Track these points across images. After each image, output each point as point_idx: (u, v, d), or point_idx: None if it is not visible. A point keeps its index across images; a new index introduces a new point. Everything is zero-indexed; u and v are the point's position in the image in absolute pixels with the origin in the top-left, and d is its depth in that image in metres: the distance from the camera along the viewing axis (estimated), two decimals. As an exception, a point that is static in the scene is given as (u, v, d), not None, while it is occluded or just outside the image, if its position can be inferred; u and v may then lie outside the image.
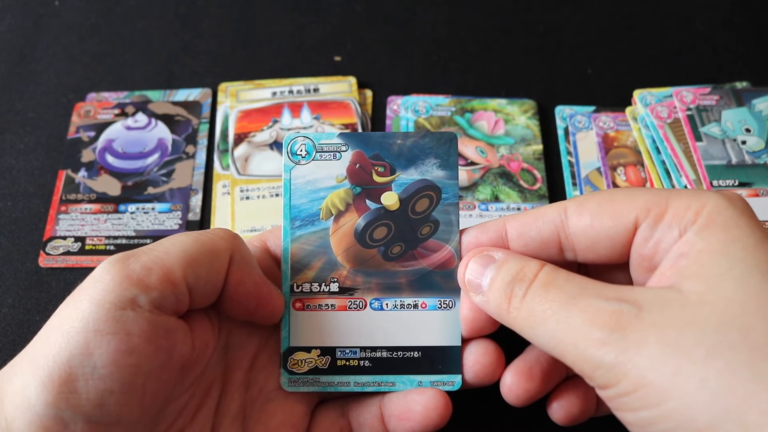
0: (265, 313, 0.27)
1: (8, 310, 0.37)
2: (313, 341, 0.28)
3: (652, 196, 0.24)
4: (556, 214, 0.26)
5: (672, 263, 0.23)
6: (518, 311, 0.24)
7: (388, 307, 0.28)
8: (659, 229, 0.24)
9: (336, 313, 0.28)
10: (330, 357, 0.28)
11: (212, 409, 0.27)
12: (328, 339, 0.28)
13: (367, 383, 0.28)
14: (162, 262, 0.24)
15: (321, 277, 0.28)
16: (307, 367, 0.28)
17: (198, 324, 0.26)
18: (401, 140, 0.28)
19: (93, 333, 0.22)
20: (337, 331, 0.28)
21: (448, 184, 0.28)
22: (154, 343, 0.23)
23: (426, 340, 0.28)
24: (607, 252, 0.25)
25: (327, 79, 0.44)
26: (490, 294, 0.25)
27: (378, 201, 0.28)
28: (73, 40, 0.47)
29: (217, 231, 0.26)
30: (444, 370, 0.28)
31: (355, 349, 0.28)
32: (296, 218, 0.28)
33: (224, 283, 0.26)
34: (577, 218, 0.25)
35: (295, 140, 0.29)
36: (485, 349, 0.28)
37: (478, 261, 0.26)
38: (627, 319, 0.21)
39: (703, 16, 0.47)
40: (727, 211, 0.23)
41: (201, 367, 0.26)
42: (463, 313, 0.28)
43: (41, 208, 0.40)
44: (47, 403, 0.21)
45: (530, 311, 0.23)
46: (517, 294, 0.24)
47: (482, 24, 0.48)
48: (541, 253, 0.26)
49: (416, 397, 0.28)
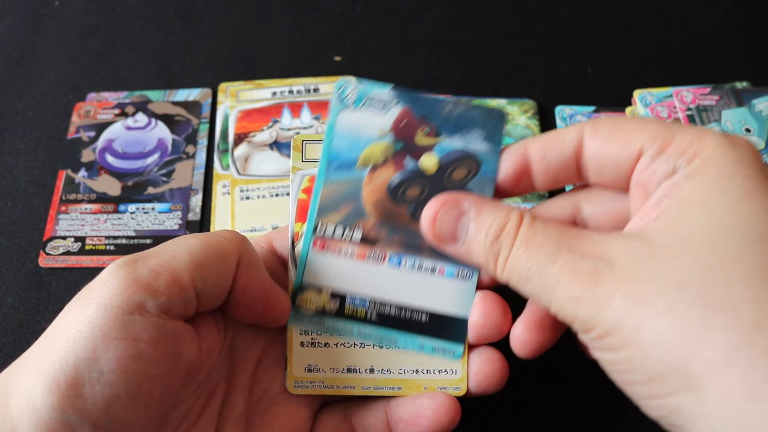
0: (272, 316, 0.27)
1: (8, 310, 0.37)
2: (326, 282, 0.28)
3: (662, 127, 0.24)
4: (576, 134, 0.26)
5: (656, 202, 0.23)
6: (503, 269, 0.25)
7: (406, 266, 0.28)
8: (658, 161, 0.23)
9: (354, 260, 0.28)
10: (339, 302, 0.28)
11: (216, 412, 0.27)
12: (341, 284, 0.28)
13: (371, 335, 0.28)
14: (170, 265, 0.23)
15: (346, 222, 0.28)
16: (315, 307, 0.28)
17: (204, 327, 0.26)
18: (451, 107, 0.28)
19: (100, 338, 0.22)
20: (351, 278, 0.28)
21: (489, 159, 0.28)
22: (161, 348, 0.23)
23: (437, 306, 0.28)
24: (612, 178, 0.25)
25: (327, 79, 0.44)
26: (472, 248, 0.26)
27: (417, 160, 0.28)
28: (73, 40, 0.47)
29: (225, 233, 0.26)
30: (448, 337, 0.28)
31: (365, 299, 0.28)
32: (333, 161, 0.28)
33: (232, 287, 0.25)
34: (591, 140, 0.25)
35: (347, 84, 0.28)
36: (489, 358, 0.28)
37: (449, 212, 0.26)
38: (599, 276, 0.22)
39: (703, 16, 0.47)
40: (725, 157, 0.22)
41: (206, 371, 0.26)
42: (472, 319, 0.28)
43: (41, 208, 0.40)
44: (53, 407, 0.21)
45: (514, 268, 0.24)
46: (502, 253, 0.25)
47: (482, 24, 0.48)
48: (562, 174, 0.26)
49: (426, 401, 0.28)
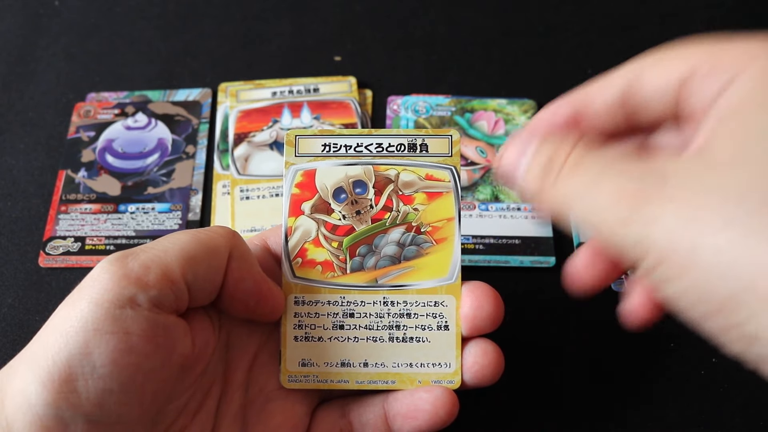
0: (266, 310, 0.27)
1: (8, 310, 0.37)
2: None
3: (711, 45, 0.22)
4: (621, 77, 0.24)
5: (714, 117, 0.21)
6: (551, 193, 0.23)
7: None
8: (710, 80, 0.21)
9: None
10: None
11: (213, 409, 0.27)
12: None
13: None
14: (160, 260, 0.24)
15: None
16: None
17: (198, 322, 0.26)
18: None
19: (92, 332, 0.22)
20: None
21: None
22: (153, 341, 0.23)
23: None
24: (659, 109, 0.23)
25: (327, 79, 0.44)
26: (528, 178, 0.24)
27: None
28: (73, 40, 0.47)
29: (216, 228, 0.26)
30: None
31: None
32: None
33: (223, 281, 0.26)
34: (638, 79, 0.24)
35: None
36: (484, 350, 0.28)
37: (513, 150, 0.25)
38: (649, 194, 0.19)
39: (703, 16, 0.47)
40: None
41: (201, 366, 0.26)
42: (463, 311, 0.28)
43: (41, 208, 0.40)
44: (47, 403, 0.21)
45: (563, 192, 0.22)
46: (550, 176, 0.23)
47: (482, 24, 0.48)
48: (617, 117, 0.24)
49: (424, 395, 0.28)
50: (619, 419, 0.33)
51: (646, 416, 0.33)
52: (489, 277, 0.29)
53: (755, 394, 0.33)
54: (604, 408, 0.33)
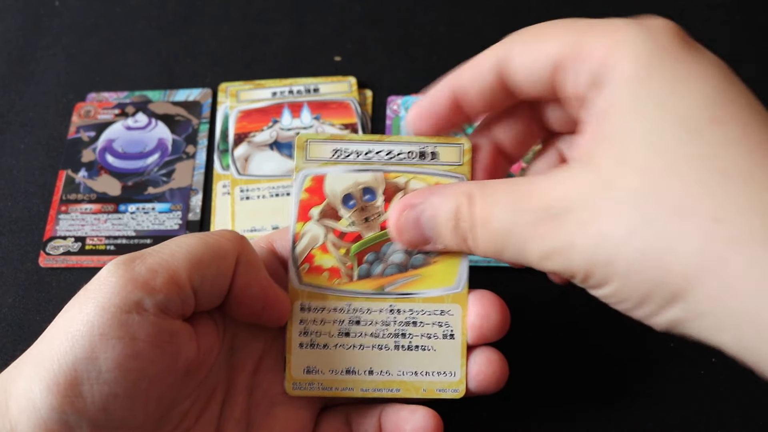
0: (272, 316, 0.27)
1: (8, 310, 0.37)
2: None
3: (574, 30, 0.24)
4: (492, 57, 0.26)
5: (591, 119, 0.23)
6: (476, 249, 0.25)
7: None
8: (576, 71, 0.23)
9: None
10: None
11: (216, 413, 0.27)
12: None
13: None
14: (167, 264, 0.23)
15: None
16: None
17: (203, 326, 0.26)
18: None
19: (98, 337, 0.22)
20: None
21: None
22: (159, 347, 0.23)
23: None
24: (536, 91, 0.25)
25: (327, 79, 0.44)
26: (445, 241, 0.26)
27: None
28: (73, 40, 0.47)
29: (224, 233, 0.26)
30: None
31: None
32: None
33: (230, 286, 0.25)
34: (508, 61, 0.25)
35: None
36: (489, 359, 0.28)
37: (407, 218, 0.27)
38: (560, 224, 0.22)
39: (703, 16, 0.47)
40: (645, 54, 0.22)
41: (206, 370, 0.26)
42: (470, 320, 0.28)
43: (41, 208, 0.40)
44: (52, 406, 0.21)
45: (485, 247, 0.25)
46: (468, 237, 0.25)
47: (482, 24, 0.48)
48: (493, 98, 0.26)
49: (407, 415, 0.28)
50: (619, 419, 0.33)
51: (646, 416, 0.33)
52: (489, 277, 0.29)
53: (755, 394, 0.33)
54: (604, 408, 0.33)
